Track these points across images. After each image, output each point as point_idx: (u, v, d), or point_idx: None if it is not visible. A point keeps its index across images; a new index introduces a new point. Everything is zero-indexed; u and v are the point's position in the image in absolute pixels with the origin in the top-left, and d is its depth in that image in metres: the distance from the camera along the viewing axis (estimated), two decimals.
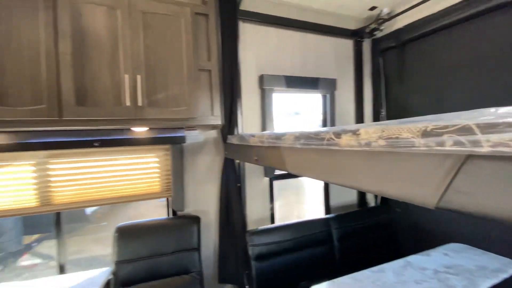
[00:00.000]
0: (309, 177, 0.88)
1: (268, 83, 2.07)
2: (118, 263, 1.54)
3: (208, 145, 1.96)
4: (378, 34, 2.39)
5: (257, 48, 2.08)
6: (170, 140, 1.72)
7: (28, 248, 3.44)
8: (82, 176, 1.60)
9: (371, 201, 2.60)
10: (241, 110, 2.00)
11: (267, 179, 2.16)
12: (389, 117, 2.44)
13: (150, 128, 1.61)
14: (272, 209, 2.20)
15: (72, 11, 1.28)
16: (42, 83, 1.23)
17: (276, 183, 2.23)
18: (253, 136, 1.30)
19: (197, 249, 1.74)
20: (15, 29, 1.20)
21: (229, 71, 1.83)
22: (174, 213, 1.87)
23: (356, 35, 2.43)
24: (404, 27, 2.17)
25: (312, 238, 1.94)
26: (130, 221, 1.67)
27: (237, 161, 1.98)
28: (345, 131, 0.68)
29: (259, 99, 2.12)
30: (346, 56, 2.45)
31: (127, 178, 1.70)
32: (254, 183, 2.11)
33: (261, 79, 2.07)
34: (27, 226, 3.52)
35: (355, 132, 0.64)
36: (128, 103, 1.36)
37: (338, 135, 0.70)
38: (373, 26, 2.30)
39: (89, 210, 4.28)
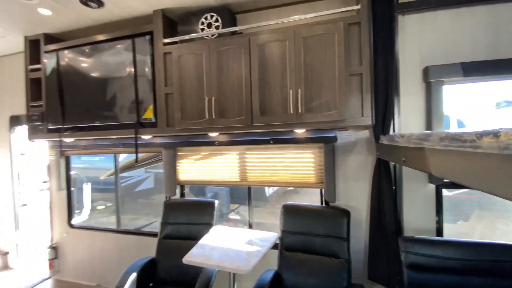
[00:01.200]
0: (450, 180, 0.83)
1: (436, 74, 1.82)
2: (283, 232, 2.03)
3: (360, 144, 2.05)
4: None
5: (420, 38, 1.88)
6: (322, 140, 2.00)
7: (232, 212, 5.05)
8: (263, 164, 2.25)
9: None
10: (398, 108, 1.91)
11: (432, 186, 1.91)
12: None
13: (307, 130, 1.97)
14: (439, 222, 1.91)
15: (259, 51, 1.87)
16: (242, 102, 1.91)
17: (446, 192, 1.91)
18: (402, 136, 1.30)
19: (346, 239, 1.90)
20: (230, 70, 1.95)
21: (383, 71, 1.82)
22: (327, 203, 2.13)
23: None
24: None
25: (499, 266, 1.51)
26: (293, 202, 2.14)
27: (393, 162, 1.92)
28: (487, 133, 0.64)
29: (423, 95, 1.91)
30: None
31: (291, 168, 2.18)
32: (415, 188, 1.93)
33: (426, 71, 1.86)
34: (232, 197, 5.17)
35: (496, 134, 0.61)
36: (291, 111, 1.79)
37: (479, 136, 0.67)
38: None
39: (267, 193, 5.51)
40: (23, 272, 3.14)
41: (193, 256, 1.69)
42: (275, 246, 2.07)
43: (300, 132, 2.01)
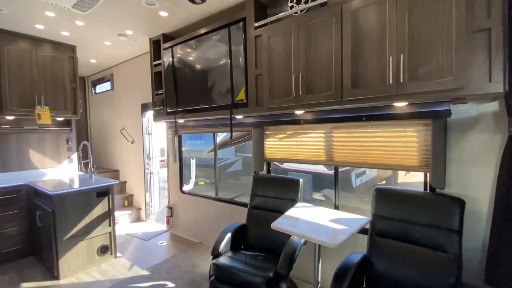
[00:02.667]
0: None
1: None
2: (375, 216, 1.88)
3: (484, 120, 1.64)
4: None
5: None
6: (430, 115, 1.71)
7: (313, 201, 5.00)
8: (352, 143, 2.12)
9: None
10: None
11: None
12: None
13: (409, 103, 1.72)
14: None
15: (352, 19, 1.74)
16: (332, 76, 1.84)
17: None
18: None
19: (457, 232, 1.60)
20: (319, 44, 1.90)
21: None
22: (433, 189, 1.84)
23: None
24: None
25: None
26: (388, 186, 1.94)
27: None
28: None
29: None
30: None
31: (386, 149, 1.97)
32: None
33: None
34: (315, 186, 5.12)
35: None
36: (390, 81, 1.60)
37: None
38: None
39: (355, 183, 5.17)
40: (150, 224, 4.09)
41: (281, 224, 1.80)
42: (364, 232, 1.95)
43: (400, 106, 1.78)
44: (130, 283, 2.49)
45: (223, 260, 2.03)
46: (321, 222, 1.85)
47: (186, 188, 3.72)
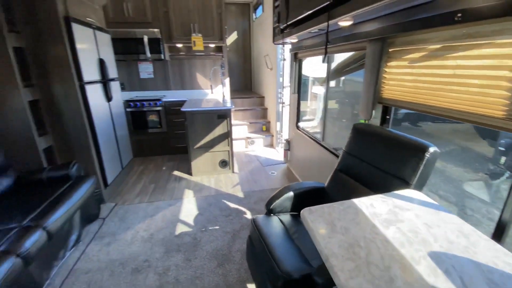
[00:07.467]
0: None
1: None
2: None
3: None
4: None
5: None
6: None
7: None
8: None
9: None
10: None
11: None
12: None
13: None
14: None
15: None
16: None
17: None
18: None
19: None
20: None
21: None
22: None
23: None
24: None
25: None
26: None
27: None
28: None
29: None
30: None
31: None
32: None
33: None
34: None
35: None
36: None
37: None
38: None
39: None
40: (278, 152, 4.19)
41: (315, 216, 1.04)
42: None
43: None
44: (222, 198, 2.77)
45: (267, 221, 1.63)
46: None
47: (306, 124, 3.25)
